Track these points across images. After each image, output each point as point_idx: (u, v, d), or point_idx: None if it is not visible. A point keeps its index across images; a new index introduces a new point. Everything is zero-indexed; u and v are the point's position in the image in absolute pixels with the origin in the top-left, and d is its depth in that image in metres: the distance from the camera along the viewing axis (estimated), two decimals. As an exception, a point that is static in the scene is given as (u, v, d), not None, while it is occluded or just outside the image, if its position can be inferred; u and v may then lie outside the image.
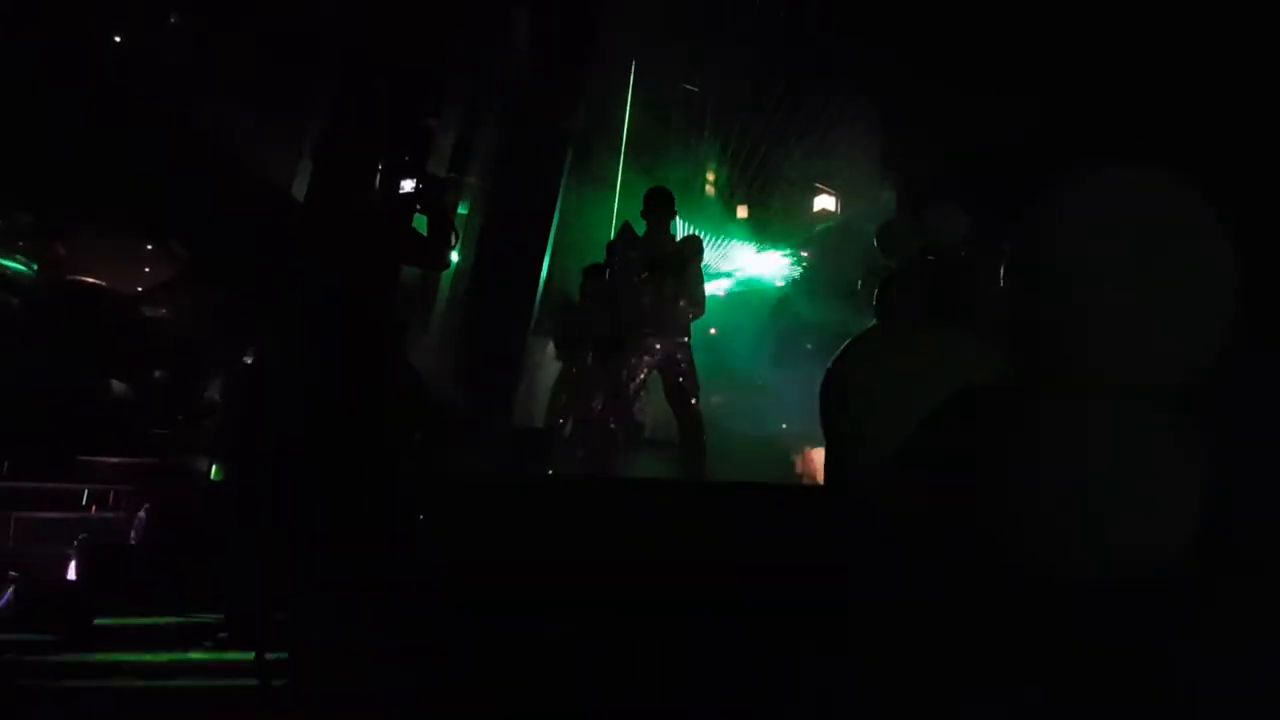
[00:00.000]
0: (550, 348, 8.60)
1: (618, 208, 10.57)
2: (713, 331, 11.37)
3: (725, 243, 12.31)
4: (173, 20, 7.97)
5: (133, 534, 5.00)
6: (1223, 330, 1.94)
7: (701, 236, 7.45)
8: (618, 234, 7.12)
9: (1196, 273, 1.93)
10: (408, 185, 4.47)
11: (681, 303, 6.51)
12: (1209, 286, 1.94)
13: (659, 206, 6.70)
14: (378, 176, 4.53)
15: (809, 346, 8.91)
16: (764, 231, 12.40)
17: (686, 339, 6.60)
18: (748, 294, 12.59)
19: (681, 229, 10.73)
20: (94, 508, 5.52)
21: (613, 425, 6.61)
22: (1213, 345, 1.95)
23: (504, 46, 9.38)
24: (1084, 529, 1.85)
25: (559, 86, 9.55)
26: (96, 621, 4.13)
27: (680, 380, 6.50)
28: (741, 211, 12.31)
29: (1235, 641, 1.97)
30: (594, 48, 9.85)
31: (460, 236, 8.05)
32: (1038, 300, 2.00)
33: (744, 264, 12.70)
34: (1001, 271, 2.03)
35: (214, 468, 5.64)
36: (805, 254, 12.22)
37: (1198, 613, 1.97)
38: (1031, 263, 2.03)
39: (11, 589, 4.22)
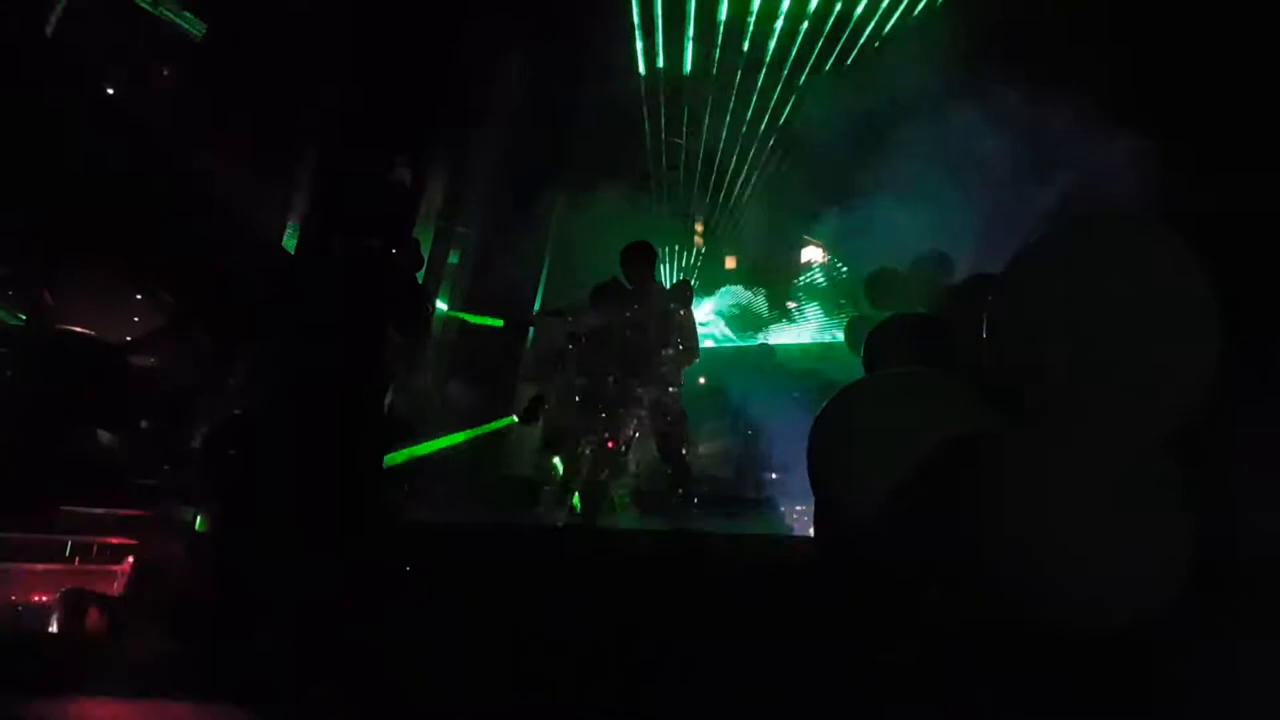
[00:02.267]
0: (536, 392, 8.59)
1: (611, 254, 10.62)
2: (702, 381, 11.37)
3: (713, 292, 12.39)
4: (164, 71, 8.04)
5: (117, 586, 4.94)
6: (1208, 374, 1.96)
7: (691, 282, 7.49)
8: (605, 287, 7.16)
9: (1180, 319, 1.95)
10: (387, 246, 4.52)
11: (671, 351, 6.55)
12: (1193, 332, 1.96)
13: (639, 259, 6.75)
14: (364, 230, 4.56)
15: (796, 395, 8.91)
16: (751, 281, 12.48)
17: (676, 389, 6.62)
18: (735, 343, 12.62)
19: (669, 277, 10.81)
20: (78, 560, 5.45)
21: (603, 475, 6.59)
22: (1198, 390, 1.97)
23: (494, 94, 9.49)
24: (1073, 572, 1.86)
25: (549, 132, 9.68)
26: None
27: (669, 430, 6.51)
28: (729, 262, 12.39)
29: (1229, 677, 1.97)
30: (584, 95, 9.99)
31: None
32: (1023, 347, 2.02)
33: (732, 314, 12.76)
34: (984, 319, 2.05)
35: (199, 519, 5.59)
36: (792, 304, 12.28)
37: (1191, 649, 1.97)
38: (1016, 311, 2.05)
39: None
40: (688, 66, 10.46)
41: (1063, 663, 2.00)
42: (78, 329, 7.21)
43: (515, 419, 7.95)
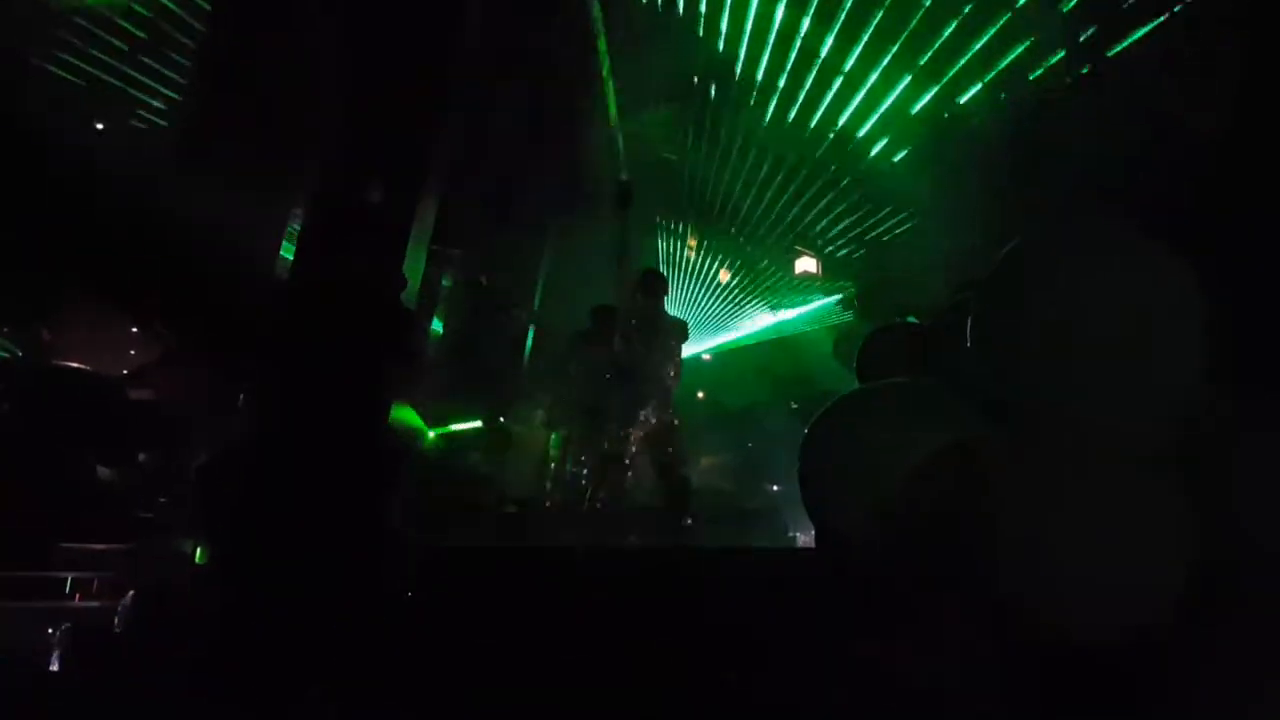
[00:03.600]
0: (539, 415, 8.60)
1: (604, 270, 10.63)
2: (700, 395, 11.36)
3: (708, 306, 12.42)
4: (155, 102, 8.09)
5: (118, 622, 4.91)
6: (1199, 380, 1.95)
7: (687, 322, 7.73)
8: (605, 313, 7.30)
9: (1167, 323, 1.94)
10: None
11: (668, 378, 6.74)
12: (1181, 337, 1.94)
13: (653, 287, 7.01)
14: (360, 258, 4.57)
15: (794, 406, 8.93)
16: (747, 293, 12.51)
17: (672, 408, 6.77)
18: (733, 356, 12.64)
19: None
20: (78, 596, 5.43)
21: (601, 494, 6.62)
22: (1191, 396, 1.96)
23: (490, 117, 9.50)
24: (1067, 583, 1.85)
25: (543, 155, 9.70)
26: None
27: (668, 450, 6.62)
28: (723, 275, 12.42)
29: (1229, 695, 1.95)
30: (577, 115, 10.03)
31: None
32: (1006, 354, 2.02)
33: (729, 326, 12.79)
34: (968, 327, 2.05)
35: (199, 550, 5.57)
36: (789, 314, 12.31)
37: (1189, 661, 1.95)
38: (999, 316, 2.04)
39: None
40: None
41: (1060, 674, 1.99)
42: (74, 364, 7.22)
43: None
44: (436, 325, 9.30)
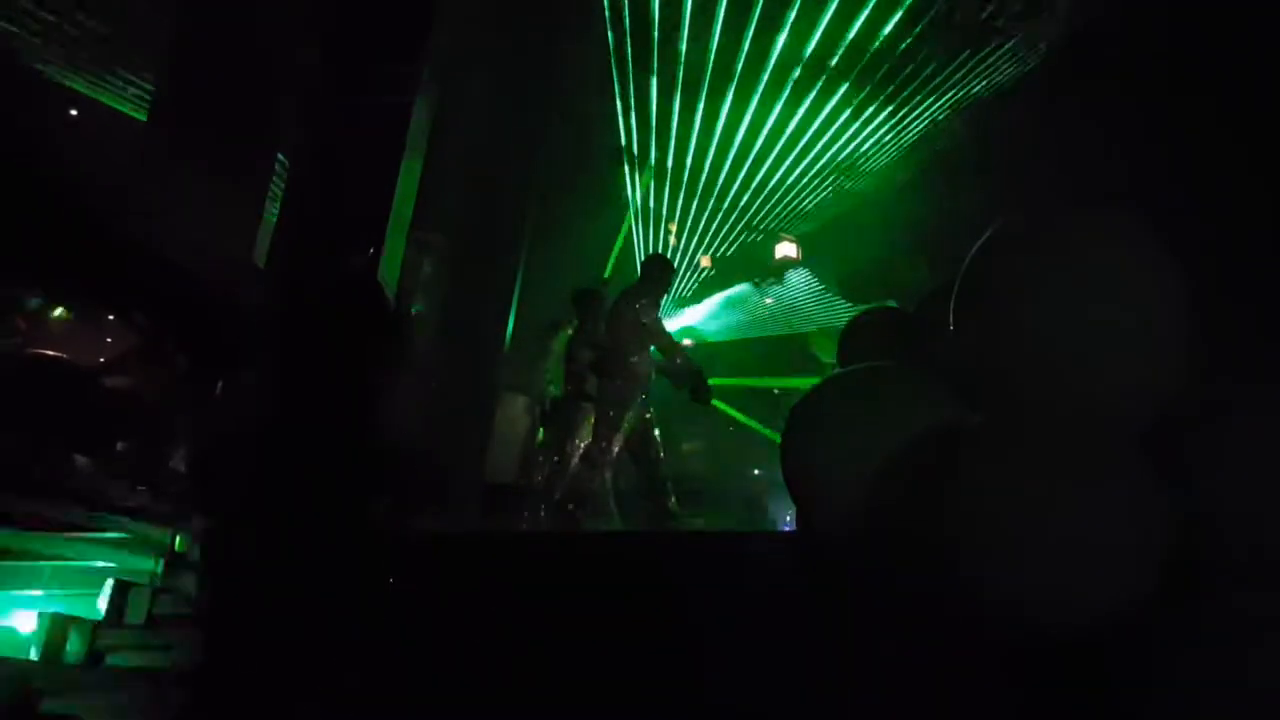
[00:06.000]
0: (520, 402, 8.58)
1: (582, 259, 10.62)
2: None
3: (690, 290, 12.42)
4: (129, 90, 7.99)
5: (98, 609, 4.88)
6: (1175, 366, 1.96)
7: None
8: (586, 298, 7.23)
9: (1144, 310, 1.95)
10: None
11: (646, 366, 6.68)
12: (1158, 325, 1.95)
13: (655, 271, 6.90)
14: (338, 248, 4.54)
15: (775, 392, 8.95)
16: (728, 278, 12.52)
17: (647, 397, 6.75)
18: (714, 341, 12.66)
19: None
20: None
21: (581, 481, 6.61)
22: (1166, 384, 1.97)
23: (466, 102, 9.44)
24: (1038, 570, 1.85)
25: (518, 142, 9.63)
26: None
27: (646, 436, 6.59)
28: (704, 260, 12.40)
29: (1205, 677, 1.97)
30: (555, 101, 9.98)
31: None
32: (983, 338, 2.03)
33: (710, 310, 12.80)
34: (951, 313, 2.05)
35: (178, 539, 5.54)
36: (769, 300, 12.32)
37: (1164, 652, 1.97)
38: (976, 301, 2.05)
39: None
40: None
41: (1035, 660, 2.00)
42: (50, 352, 7.15)
43: None
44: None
